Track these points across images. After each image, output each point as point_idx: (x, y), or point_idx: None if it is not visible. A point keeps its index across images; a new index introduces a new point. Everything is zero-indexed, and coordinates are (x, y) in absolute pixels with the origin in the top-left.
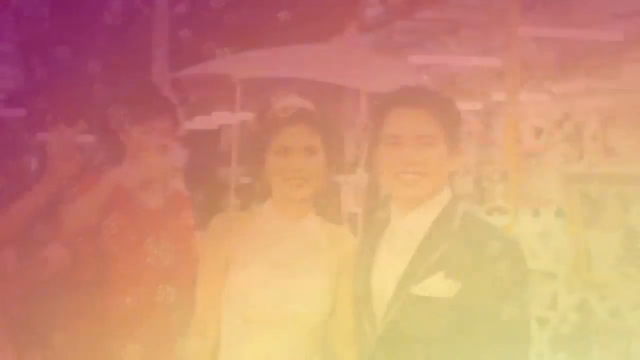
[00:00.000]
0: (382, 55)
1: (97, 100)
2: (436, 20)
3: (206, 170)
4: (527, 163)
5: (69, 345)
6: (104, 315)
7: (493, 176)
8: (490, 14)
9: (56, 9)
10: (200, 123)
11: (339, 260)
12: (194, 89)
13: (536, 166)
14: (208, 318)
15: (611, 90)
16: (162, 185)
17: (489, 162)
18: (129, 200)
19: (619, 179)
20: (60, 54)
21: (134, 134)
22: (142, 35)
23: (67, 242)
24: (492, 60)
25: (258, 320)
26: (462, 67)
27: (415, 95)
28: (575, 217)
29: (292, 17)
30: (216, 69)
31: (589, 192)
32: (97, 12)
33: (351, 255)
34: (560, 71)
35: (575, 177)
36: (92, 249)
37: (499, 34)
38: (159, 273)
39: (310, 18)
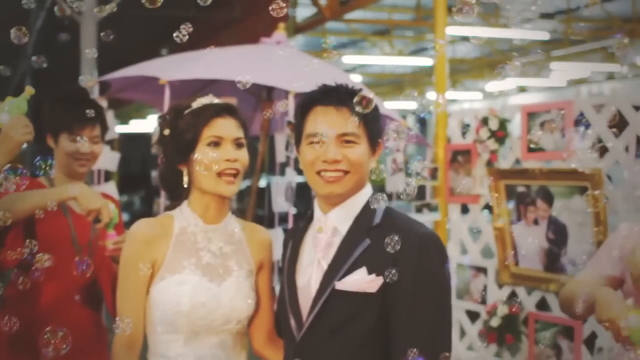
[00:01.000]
0: (313, 56)
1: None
2: (368, 21)
3: (140, 173)
4: (456, 160)
5: None
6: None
7: (423, 173)
8: (420, 15)
9: None
10: (135, 126)
11: (259, 259)
12: (123, 92)
13: (465, 163)
14: (132, 326)
15: (538, 88)
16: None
17: (420, 159)
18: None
19: (543, 175)
20: None
21: (62, 138)
22: (70, 38)
23: None
24: (424, 60)
25: (189, 328)
26: (396, 66)
27: (336, 94)
28: (502, 212)
29: (223, 19)
30: (144, 71)
31: (514, 188)
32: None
33: (269, 252)
34: (490, 70)
35: (501, 173)
36: None
37: (429, 34)
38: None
39: (241, 19)
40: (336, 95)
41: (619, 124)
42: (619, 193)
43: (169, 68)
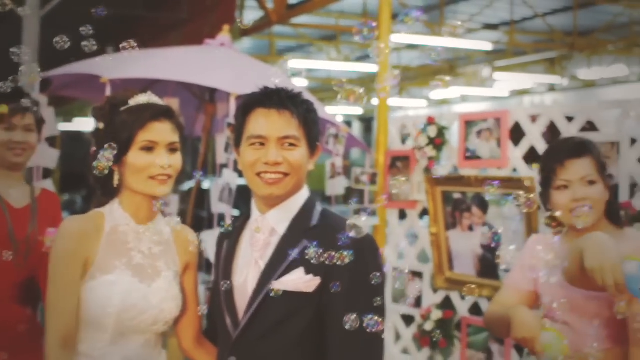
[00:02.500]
0: (259, 60)
1: None
2: (315, 26)
3: (82, 172)
4: (395, 165)
5: None
6: None
7: (362, 178)
8: (367, 21)
9: None
10: (78, 125)
11: (186, 260)
12: (65, 89)
13: (403, 169)
14: (65, 325)
15: (483, 98)
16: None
17: (361, 164)
18: None
19: (477, 182)
20: None
21: None
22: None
23: None
24: (369, 67)
25: (116, 328)
26: (343, 72)
27: (278, 97)
28: (438, 217)
29: (170, 19)
30: (86, 68)
31: (450, 194)
32: None
33: (195, 253)
34: (433, 79)
35: (438, 180)
36: None
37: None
38: (26, 272)
39: (188, 20)
40: (278, 98)
41: (553, 134)
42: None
43: (112, 67)
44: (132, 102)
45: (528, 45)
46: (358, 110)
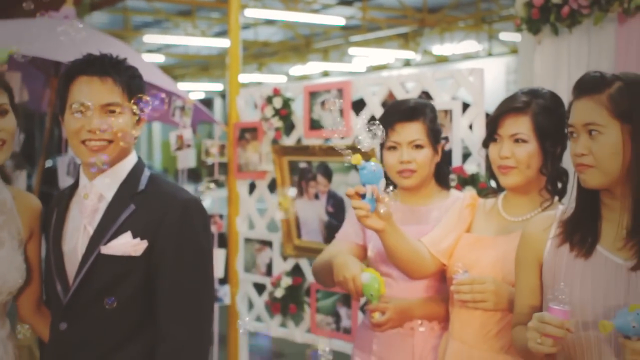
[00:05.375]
0: (112, 35)
1: None
2: (171, 1)
3: None
4: (243, 137)
5: None
6: None
7: (212, 150)
8: None
9: None
10: None
11: (30, 227)
12: None
13: (252, 140)
14: None
15: (342, 73)
16: None
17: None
18: None
19: (322, 151)
20: None
21: None
22: None
23: None
24: (224, 42)
25: None
26: (202, 48)
27: (100, 64)
28: (285, 187)
29: None
30: None
31: (297, 164)
32: None
33: (39, 220)
34: (295, 54)
35: (285, 150)
36: None
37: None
38: None
39: None
40: (100, 65)
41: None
42: None
43: None
44: None
45: (381, 20)
46: (219, 87)
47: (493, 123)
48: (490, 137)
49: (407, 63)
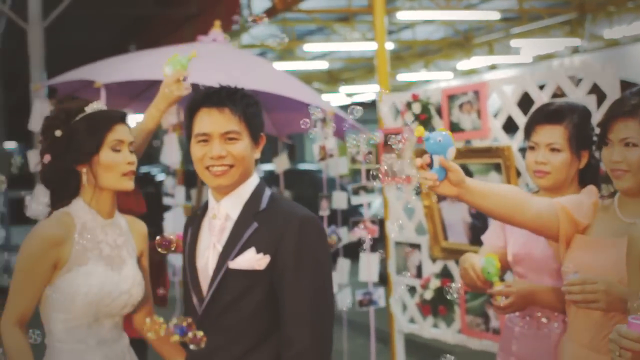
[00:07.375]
0: (243, 53)
1: None
2: (327, 11)
3: None
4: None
5: None
6: None
7: (357, 157)
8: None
9: None
10: None
11: (141, 248)
12: (69, 95)
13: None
14: (25, 308)
15: (509, 65)
16: None
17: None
18: None
19: (461, 154)
20: None
21: None
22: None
23: None
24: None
25: (92, 314)
26: (363, 50)
27: (217, 96)
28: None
29: (181, 15)
30: (82, 74)
31: None
32: None
33: (147, 241)
34: (459, 49)
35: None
36: None
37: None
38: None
39: (198, 15)
40: (217, 97)
41: (526, 103)
42: None
43: (106, 71)
44: (89, 109)
45: (542, 10)
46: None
47: (603, 128)
48: (602, 141)
49: (575, 50)
